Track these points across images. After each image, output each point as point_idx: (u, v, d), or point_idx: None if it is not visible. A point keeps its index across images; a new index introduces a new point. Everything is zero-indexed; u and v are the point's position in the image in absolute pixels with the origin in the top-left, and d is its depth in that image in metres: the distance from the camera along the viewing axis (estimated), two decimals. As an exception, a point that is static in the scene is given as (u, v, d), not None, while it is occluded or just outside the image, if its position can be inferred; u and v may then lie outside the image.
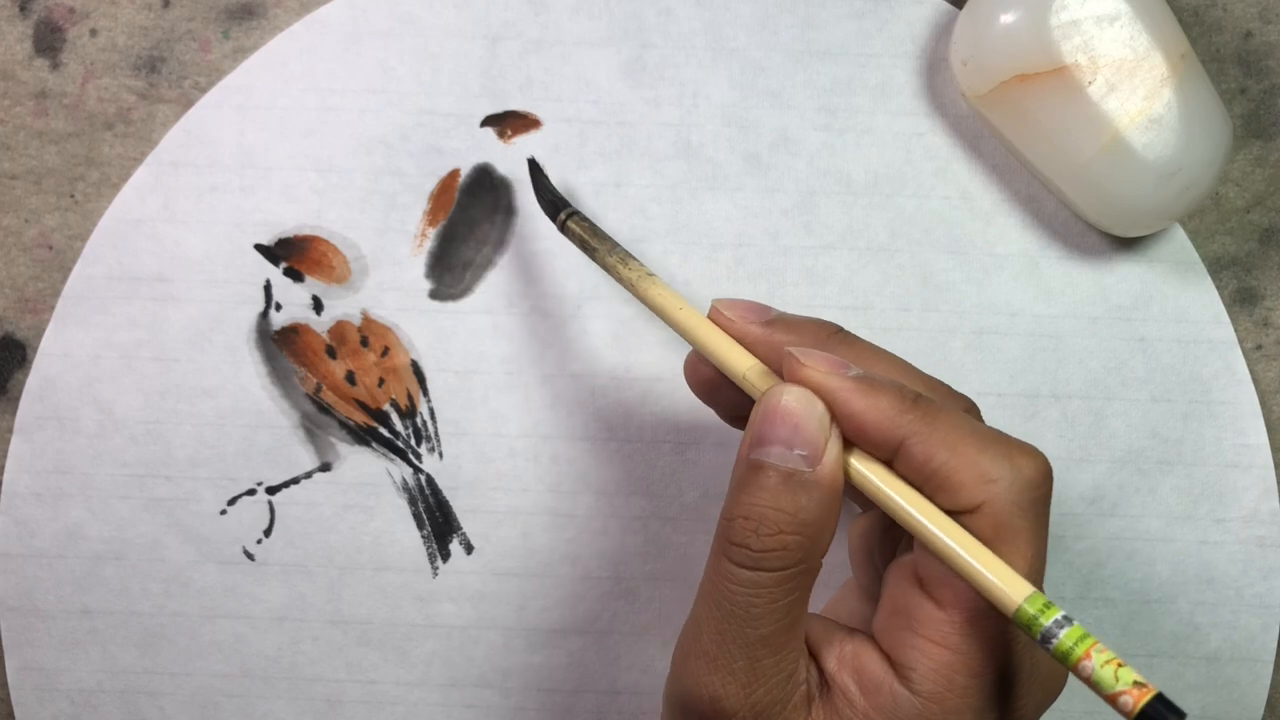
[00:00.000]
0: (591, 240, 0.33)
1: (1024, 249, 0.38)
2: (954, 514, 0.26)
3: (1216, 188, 0.37)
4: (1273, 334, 0.38)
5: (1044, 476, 0.27)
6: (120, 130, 0.38)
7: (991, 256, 0.38)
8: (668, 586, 0.38)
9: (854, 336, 0.30)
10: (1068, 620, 0.24)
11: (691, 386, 0.32)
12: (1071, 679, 0.26)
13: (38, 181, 0.38)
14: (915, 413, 0.27)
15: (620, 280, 0.32)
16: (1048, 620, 0.24)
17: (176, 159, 0.38)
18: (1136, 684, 0.23)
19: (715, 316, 0.30)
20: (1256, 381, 0.38)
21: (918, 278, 0.38)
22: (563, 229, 0.34)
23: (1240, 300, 0.38)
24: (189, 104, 0.38)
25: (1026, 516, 0.26)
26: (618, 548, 0.38)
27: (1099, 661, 0.23)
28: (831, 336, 0.30)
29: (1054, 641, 0.24)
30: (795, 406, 0.27)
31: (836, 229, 0.38)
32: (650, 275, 0.31)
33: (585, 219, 0.33)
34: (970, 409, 0.30)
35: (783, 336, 0.29)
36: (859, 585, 0.32)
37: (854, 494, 0.28)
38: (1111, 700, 0.23)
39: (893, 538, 0.30)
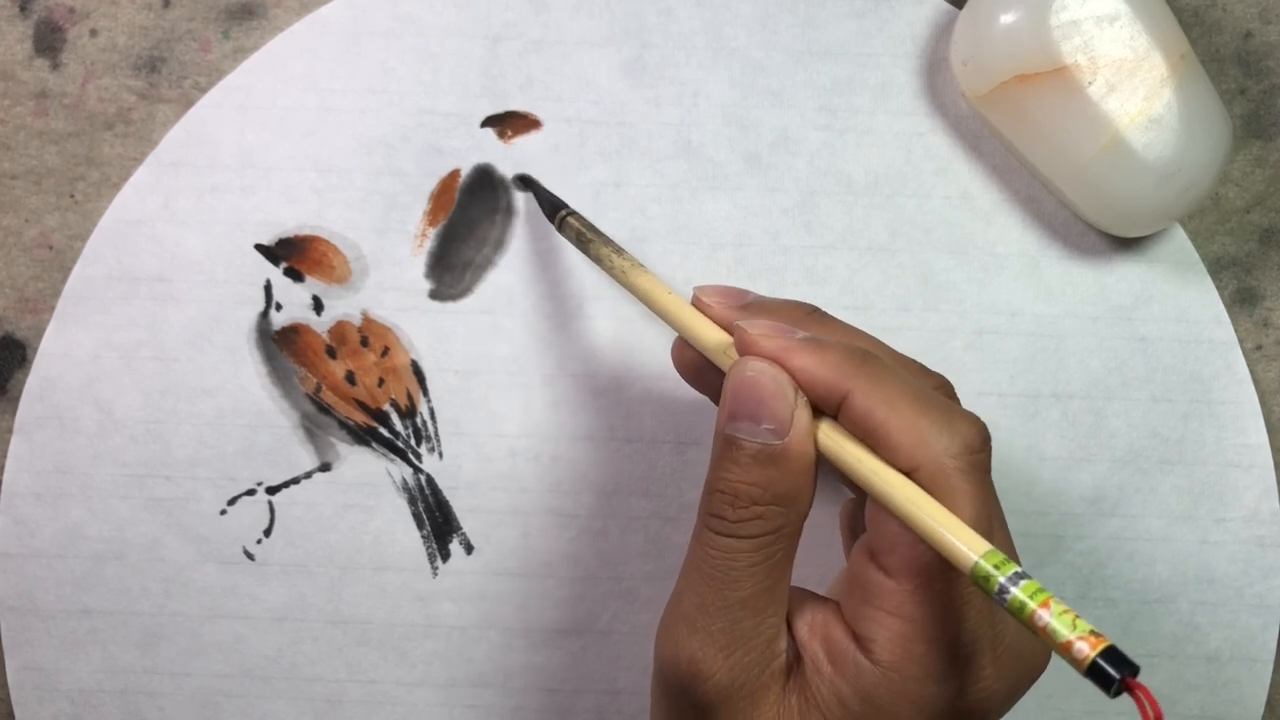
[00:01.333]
0: (587, 233, 0.34)
1: (1024, 249, 0.38)
2: None
3: (1216, 188, 0.37)
4: (1273, 334, 0.38)
5: (983, 441, 0.27)
6: (120, 130, 0.38)
7: (991, 256, 0.38)
8: (668, 586, 0.38)
9: (830, 316, 0.31)
10: (1023, 575, 0.24)
11: (679, 370, 0.33)
12: (1055, 662, 0.26)
13: (38, 181, 0.38)
14: (859, 368, 0.27)
15: (611, 271, 0.33)
16: (1003, 575, 0.24)
17: (176, 159, 0.38)
18: (1093, 633, 0.22)
19: (696, 302, 0.31)
20: (1256, 381, 0.38)
21: (918, 278, 0.38)
22: (560, 226, 0.35)
23: (1240, 300, 0.38)
24: (189, 104, 0.38)
25: (966, 479, 0.26)
26: (618, 548, 0.38)
27: (1056, 611, 0.23)
28: (807, 316, 0.31)
29: (1009, 594, 0.23)
30: (759, 379, 0.27)
31: (836, 229, 0.38)
32: (639, 266, 0.33)
33: (581, 217, 0.35)
34: (941, 386, 0.30)
35: (758, 317, 0.30)
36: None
37: (839, 474, 0.28)
38: (1065, 649, 0.22)
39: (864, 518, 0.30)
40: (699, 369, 0.32)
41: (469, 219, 0.38)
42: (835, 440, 0.27)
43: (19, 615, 0.38)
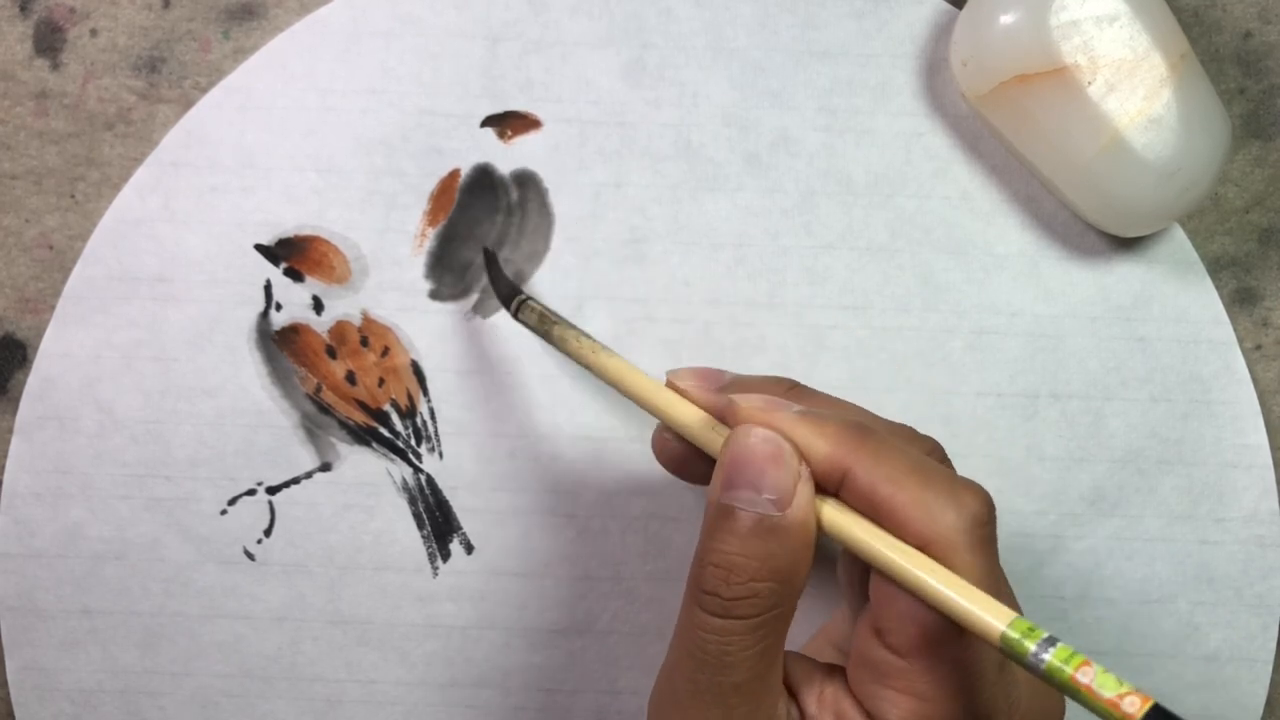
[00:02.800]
0: (548, 316, 0.33)
1: (1024, 249, 0.38)
2: None
3: (1216, 188, 0.37)
4: (1272, 334, 0.38)
5: (989, 513, 0.26)
6: (120, 130, 0.38)
7: (991, 256, 0.38)
8: (668, 586, 0.38)
9: (811, 389, 0.30)
10: (1054, 640, 0.23)
11: (662, 463, 0.32)
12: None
13: (38, 181, 0.38)
14: (859, 444, 0.26)
15: (579, 355, 0.32)
16: (1034, 641, 0.23)
17: (177, 159, 0.38)
18: (1137, 691, 0.22)
19: (671, 387, 0.30)
20: (1256, 381, 0.38)
21: (918, 278, 0.38)
22: (516, 314, 0.34)
23: (1240, 300, 0.38)
24: (189, 104, 0.38)
25: (975, 553, 0.25)
26: (618, 548, 0.38)
27: (1098, 670, 0.23)
28: (789, 391, 0.30)
29: (1044, 659, 0.23)
30: (762, 448, 0.26)
31: (836, 229, 0.38)
32: (605, 348, 0.32)
33: (539, 302, 0.34)
34: (933, 451, 0.29)
35: (741, 395, 0.28)
36: (851, 611, 0.32)
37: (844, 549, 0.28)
38: (1113, 705, 0.22)
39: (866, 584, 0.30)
40: (683, 459, 0.31)
41: (469, 219, 0.38)
42: (841, 517, 0.26)
43: (19, 615, 0.38)
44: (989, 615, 0.24)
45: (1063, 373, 0.38)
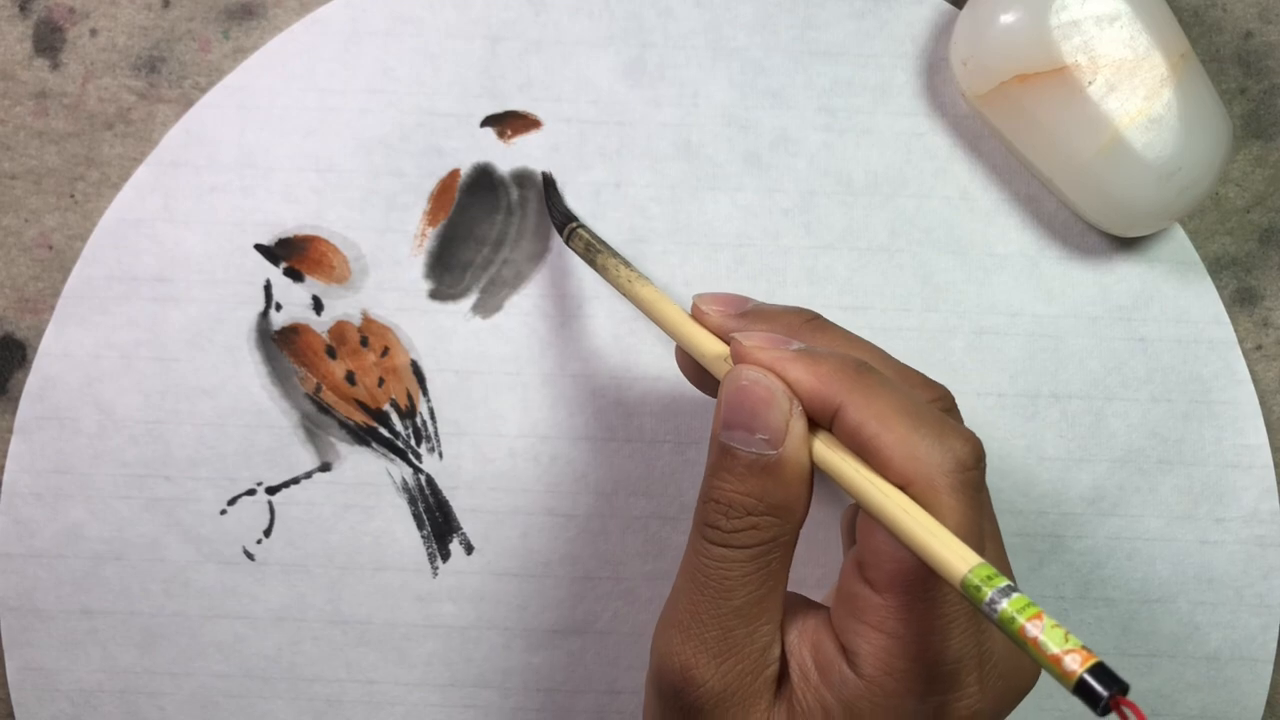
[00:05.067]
0: (596, 244, 0.34)
1: (1024, 249, 0.38)
2: None
3: (1216, 188, 0.37)
4: (1273, 334, 0.38)
5: (975, 458, 0.26)
6: (120, 130, 0.38)
7: (991, 256, 0.38)
8: (668, 586, 0.38)
9: (830, 323, 0.31)
10: (1013, 589, 0.23)
11: (684, 373, 0.33)
12: (1043, 679, 0.26)
13: (38, 181, 0.38)
14: (853, 382, 0.27)
15: (616, 282, 0.33)
16: (993, 588, 0.23)
17: (176, 159, 0.38)
18: (1083, 649, 0.22)
19: (695, 312, 0.31)
20: (1256, 381, 0.38)
21: (918, 278, 0.38)
22: (569, 238, 0.36)
23: (1240, 300, 0.38)
24: (189, 104, 0.38)
25: (956, 495, 0.26)
26: (618, 548, 0.38)
27: (1047, 625, 0.22)
28: (806, 324, 0.30)
29: (999, 607, 0.23)
30: (753, 389, 0.27)
31: (836, 229, 0.38)
32: (644, 278, 0.33)
33: (589, 230, 0.35)
34: (940, 399, 0.30)
35: (757, 325, 0.30)
36: (846, 555, 0.32)
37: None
38: (1054, 662, 0.22)
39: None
40: (702, 373, 0.32)
41: (469, 219, 0.38)
42: (828, 452, 0.27)
43: (19, 615, 0.38)
44: (954, 555, 0.24)
45: (1063, 373, 0.38)
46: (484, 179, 0.38)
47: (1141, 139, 0.34)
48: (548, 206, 0.37)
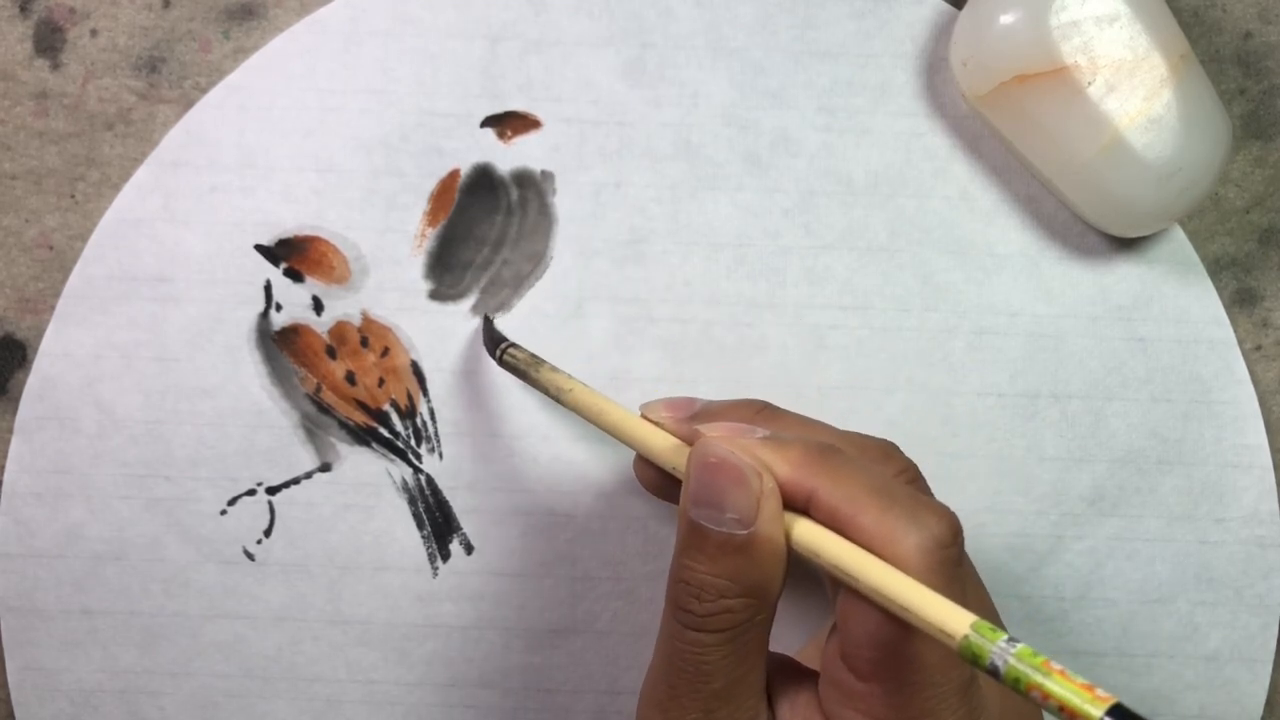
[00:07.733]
0: (531, 360, 0.34)
1: (1024, 249, 0.38)
2: None
3: (1216, 188, 0.37)
4: (1272, 334, 0.38)
5: (952, 535, 0.26)
6: (120, 130, 0.38)
7: (991, 256, 0.38)
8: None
9: (780, 409, 0.30)
10: (1014, 641, 0.23)
11: (645, 487, 0.32)
12: None
13: (38, 181, 0.38)
14: (820, 465, 0.26)
15: (558, 395, 0.33)
16: (996, 641, 0.22)
17: (176, 159, 0.38)
18: (1098, 693, 0.21)
19: (644, 419, 0.30)
20: (1256, 382, 0.38)
21: (918, 278, 0.38)
22: (500, 360, 0.35)
23: (1240, 301, 0.38)
24: (189, 104, 0.38)
25: (936, 575, 0.25)
26: (618, 548, 0.38)
27: (1055, 673, 0.22)
28: (759, 414, 0.30)
29: (1010, 655, 0.22)
30: (722, 464, 0.26)
31: (836, 229, 0.38)
32: (584, 385, 0.32)
33: (521, 349, 0.35)
34: (904, 472, 0.29)
35: (708, 425, 0.29)
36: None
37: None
38: (1072, 713, 0.21)
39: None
40: (663, 480, 0.31)
41: (469, 219, 0.38)
42: (810, 532, 0.26)
43: (19, 615, 0.38)
44: (946, 618, 0.23)
45: (1063, 373, 0.38)
46: (484, 179, 0.38)
47: (1141, 139, 0.34)
48: (484, 333, 0.37)
